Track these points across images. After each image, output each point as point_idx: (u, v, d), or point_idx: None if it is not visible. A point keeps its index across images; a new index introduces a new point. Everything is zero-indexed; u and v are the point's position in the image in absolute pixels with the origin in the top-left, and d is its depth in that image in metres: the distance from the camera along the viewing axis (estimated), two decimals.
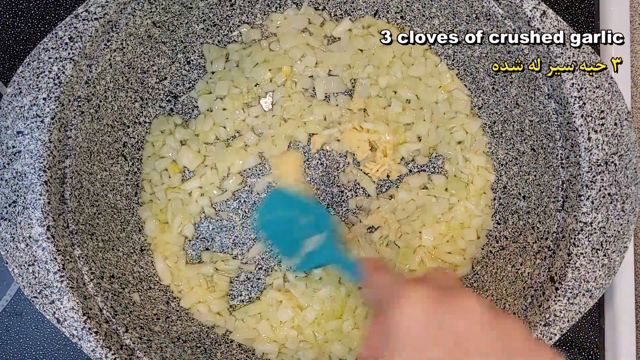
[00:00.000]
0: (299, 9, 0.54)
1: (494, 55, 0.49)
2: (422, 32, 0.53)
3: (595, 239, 0.42)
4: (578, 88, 0.42)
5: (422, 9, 0.52)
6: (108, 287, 0.44)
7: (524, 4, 0.43)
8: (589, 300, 0.43)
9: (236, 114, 0.53)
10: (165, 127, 0.53)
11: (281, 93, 0.53)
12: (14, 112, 0.41)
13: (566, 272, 0.42)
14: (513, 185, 0.51)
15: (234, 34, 0.54)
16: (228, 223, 0.53)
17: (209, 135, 0.53)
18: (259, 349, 0.51)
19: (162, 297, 0.50)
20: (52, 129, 0.41)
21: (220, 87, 0.53)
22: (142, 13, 0.46)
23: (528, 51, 0.45)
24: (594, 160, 0.42)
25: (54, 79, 0.41)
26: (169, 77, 0.53)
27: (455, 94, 0.54)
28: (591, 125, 0.42)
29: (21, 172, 0.41)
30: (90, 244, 0.44)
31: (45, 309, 0.41)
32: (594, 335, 0.56)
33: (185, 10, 0.50)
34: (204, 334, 0.50)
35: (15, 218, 0.41)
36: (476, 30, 0.49)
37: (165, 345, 0.46)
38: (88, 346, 0.41)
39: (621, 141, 0.42)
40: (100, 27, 0.43)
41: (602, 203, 0.42)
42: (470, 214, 0.53)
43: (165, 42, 0.51)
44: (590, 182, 0.42)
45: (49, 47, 0.42)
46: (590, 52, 0.43)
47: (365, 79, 0.53)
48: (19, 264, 0.41)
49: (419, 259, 0.52)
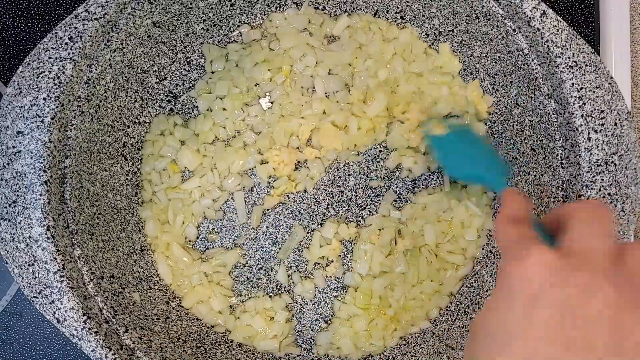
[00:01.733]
0: (299, 8, 0.54)
1: (494, 56, 0.49)
2: (423, 32, 0.54)
3: None
4: (578, 88, 0.42)
5: (422, 9, 0.52)
6: (108, 287, 0.44)
7: (524, 4, 0.43)
8: None
9: (236, 113, 0.53)
10: (165, 127, 0.53)
11: (280, 91, 0.53)
12: (14, 112, 0.41)
13: None
14: (513, 185, 0.51)
15: (234, 34, 0.54)
16: (228, 223, 0.53)
17: (209, 135, 0.53)
18: (260, 346, 0.51)
19: (162, 297, 0.50)
20: (52, 129, 0.41)
21: (220, 87, 0.53)
22: (142, 13, 0.46)
23: (528, 51, 0.45)
24: (594, 160, 0.42)
25: (54, 79, 0.41)
26: (169, 77, 0.53)
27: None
28: (591, 125, 0.42)
29: (21, 172, 0.41)
30: (90, 244, 0.44)
31: (45, 309, 0.41)
32: None
33: (185, 10, 0.50)
34: (204, 334, 0.50)
35: (15, 218, 0.41)
36: (476, 31, 0.49)
37: (165, 345, 0.46)
38: (88, 346, 0.41)
39: (621, 141, 0.42)
40: (100, 27, 0.43)
41: None
42: (471, 214, 0.53)
43: (165, 42, 0.51)
44: (590, 182, 0.42)
45: (49, 47, 0.42)
46: (590, 52, 0.43)
47: (364, 71, 0.53)
48: (19, 264, 0.41)
49: (424, 259, 0.52)
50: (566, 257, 0.27)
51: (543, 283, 0.27)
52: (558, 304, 0.26)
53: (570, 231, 0.29)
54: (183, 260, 0.51)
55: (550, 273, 0.27)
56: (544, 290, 0.26)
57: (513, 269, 0.28)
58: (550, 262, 0.27)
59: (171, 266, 0.51)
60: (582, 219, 0.29)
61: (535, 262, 0.27)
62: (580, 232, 0.29)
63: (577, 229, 0.29)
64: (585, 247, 0.28)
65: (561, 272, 0.27)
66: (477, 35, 0.50)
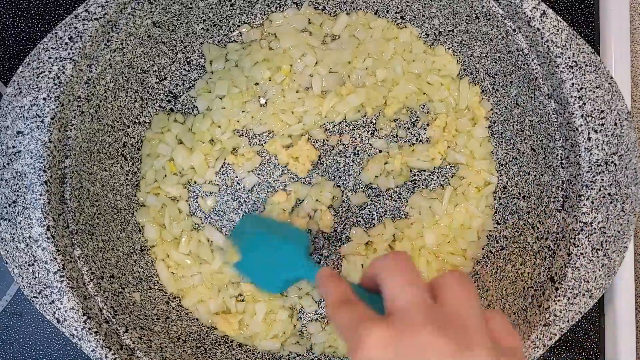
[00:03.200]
0: (299, 8, 0.54)
1: (494, 56, 0.49)
2: (423, 32, 0.54)
3: (595, 239, 0.42)
4: (578, 88, 0.42)
5: (422, 9, 0.52)
6: (108, 287, 0.44)
7: (524, 4, 0.43)
8: (589, 300, 0.43)
9: (235, 113, 0.53)
10: (165, 124, 0.53)
11: (276, 90, 0.53)
12: (14, 112, 0.41)
13: (566, 272, 0.42)
14: (513, 185, 0.51)
15: (234, 34, 0.54)
16: (228, 223, 0.53)
17: (207, 135, 0.53)
18: (260, 346, 0.51)
19: (162, 297, 0.50)
20: (52, 129, 0.41)
21: (220, 87, 0.53)
22: (142, 13, 0.46)
23: (528, 51, 0.45)
24: (594, 160, 0.42)
25: (54, 79, 0.41)
26: (169, 77, 0.53)
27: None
28: (591, 125, 0.42)
29: (21, 172, 0.41)
30: (90, 244, 0.44)
31: (45, 309, 0.41)
32: (594, 335, 0.56)
33: (185, 10, 0.50)
34: (204, 334, 0.50)
35: (15, 218, 0.41)
36: (476, 31, 0.49)
37: (165, 345, 0.46)
38: (88, 346, 0.41)
39: (621, 141, 0.42)
40: (100, 27, 0.43)
41: (602, 203, 0.42)
42: (471, 215, 0.53)
43: (165, 42, 0.51)
44: (590, 182, 0.42)
45: (49, 47, 0.42)
46: (590, 52, 0.43)
47: (363, 70, 0.53)
48: (19, 264, 0.41)
49: (424, 260, 0.52)
50: (393, 325, 0.29)
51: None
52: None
53: (384, 289, 0.32)
54: (182, 261, 0.51)
55: (385, 350, 0.29)
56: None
57: (356, 356, 0.29)
58: (385, 338, 0.29)
59: (170, 266, 0.51)
60: (387, 275, 0.32)
61: (373, 344, 0.29)
62: (392, 288, 0.31)
63: (388, 286, 0.31)
64: (403, 304, 0.30)
65: (396, 344, 0.29)
66: (477, 35, 0.50)
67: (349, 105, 0.52)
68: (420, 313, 0.29)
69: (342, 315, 0.32)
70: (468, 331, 0.29)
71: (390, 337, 0.29)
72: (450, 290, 0.31)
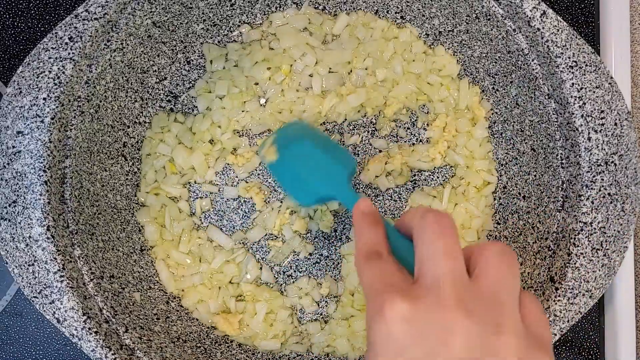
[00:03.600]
0: (299, 8, 0.54)
1: (494, 56, 0.49)
2: (423, 32, 0.54)
3: (595, 239, 0.42)
4: (578, 88, 0.42)
5: (422, 9, 0.52)
6: (108, 287, 0.44)
7: (524, 4, 0.43)
8: (589, 300, 0.43)
9: (235, 113, 0.53)
10: (165, 124, 0.53)
11: (275, 90, 0.53)
12: (14, 112, 0.41)
13: (566, 272, 0.42)
14: (513, 185, 0.51)
15: (234, 34, 0.54)
16: (228, 223, 0.53)
17: (207, 135, 0.53)
18: (260, 346, 0.51)
19: (162, 297, 0.50)
20: (52, 129, 0.41)
21: (220, 87, 0.53)
22: (142, 13, 0.46)
23: (528, 51, 0.45)
24: (594, 160, 0.42)
25: (54, 79, 0.41)
26: (169, 77, 0.53)
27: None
28: (591, 125, 0.42)
29: (21, 172, 0.41)
30: (90, 244, 0.45)
31: (45, 309, 0.41)
32: (594, 335, 0.56)
33: (185, 10, 0.50)
34: (204, 334, 0.50)
35: (15, 218, 0.41)
36: (477, 31, 0.49)
37: (165, 345, 0.46)
38: (88, 346, 0.41)
39: (621, 141, 0.42)
40: (100, 27, 0.43)
41: (602, 203, 0.42)
42: (471, 215, 0.53)
43: (165, 42, 0.51)
44: (590, 182, 0.42)
45: (49, 47, 0.42)
46: (590, 52, 0.43)
47: (363, 70, 0.53)
48: (19, 264, 0.41)
49: None
50: (420, 301, 0.27)
51: (404, 339, 0.26)
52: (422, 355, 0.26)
53: (417, 248, 0.29)
54: (182, 261, 0.51)
55: (409, 326, 0.26)
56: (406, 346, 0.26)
57: (375, 325, 0.27)
58: (410, 314, 0.27)
59: (170, 266, 0.51)
60: (424, 235, 0.29)
61: (395, 319, 0.27)
62: (427, 252, 0.28)
63: (423, 248, 0.28)
64: (436, 275, 0.27)
65: (418, 322, 0.26)
66: (477, 35, 0.50)
67: (349, 105, 0.52)
68: (453, 292, 0.27)
69: (368, 272, 0.30)
70: (502, 314, 0.27)
71: (416, 313, 0.26)
72: (490, 266, 0.28)
